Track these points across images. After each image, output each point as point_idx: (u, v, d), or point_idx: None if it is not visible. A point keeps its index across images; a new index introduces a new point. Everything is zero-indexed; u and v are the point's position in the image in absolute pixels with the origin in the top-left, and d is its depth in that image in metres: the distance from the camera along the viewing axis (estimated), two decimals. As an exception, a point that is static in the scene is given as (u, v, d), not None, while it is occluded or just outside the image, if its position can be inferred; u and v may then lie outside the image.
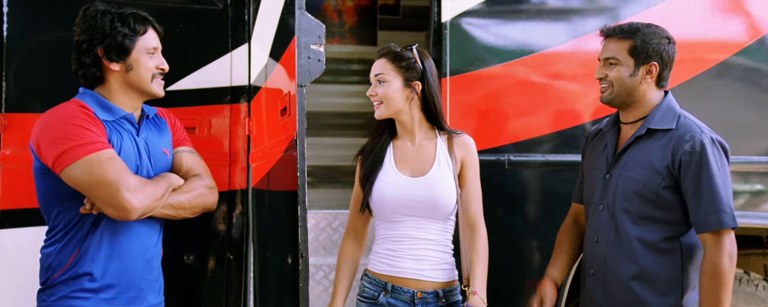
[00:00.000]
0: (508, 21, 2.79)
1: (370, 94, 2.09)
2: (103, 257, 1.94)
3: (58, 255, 1.94)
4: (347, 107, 4.21)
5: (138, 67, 1.95)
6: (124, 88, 1.97)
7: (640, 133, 2.09)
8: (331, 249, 3.19)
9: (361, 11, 4.22)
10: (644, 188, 2.05)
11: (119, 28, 1.91)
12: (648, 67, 2.08)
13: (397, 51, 2.08)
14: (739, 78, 2.89)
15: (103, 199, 1.84)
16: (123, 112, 1.97)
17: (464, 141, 2.10)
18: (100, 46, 1.92)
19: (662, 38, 2.09)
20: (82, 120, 1.87)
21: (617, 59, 2.09)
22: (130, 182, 1.84)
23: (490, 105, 2.76)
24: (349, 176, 4.36)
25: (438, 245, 2.06)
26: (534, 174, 2.76)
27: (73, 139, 1.83)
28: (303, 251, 1.97)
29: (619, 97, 2.11)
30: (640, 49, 2.07)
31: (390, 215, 2.07)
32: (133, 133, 1.99)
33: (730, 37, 2.90)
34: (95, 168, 1.82)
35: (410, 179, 2.06)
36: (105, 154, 1.84)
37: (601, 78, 2.12)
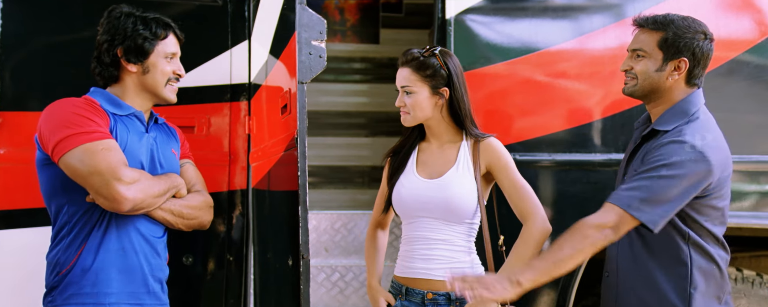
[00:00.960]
0: (514, 18, 2.76)
1: (399, 105, 2.09)
2: (109, 251, 1.93)
3: (65, 251, 1.93)
4: (349, 106, 4.19)
5: (154, 70, 1.99)
6: (137, 89, 2.00)
7: (644, 133, 2.01)
8: (332, 250, 3.16)
9: (363, 9, 4.20)
10: None
11: (140, 31, 1.96)
12: (677, 63, 1.94)
13: (421, 59, 2.05)
14: (750, 76, 2.84)
15: (95, 188, 1.84)
16: (133, 109, 1.99)
17: (490, 145, 2.07)
18: (120, 47, 1.96)
19: (697, 33, 1.95)
20: (85, 110, 1.89)
21: (645, 51, 1.96)
22: (124, 173, 1.84)
23: (495, 103, 2.72)
24: (352, 176, 4.39)
25: (450, 245, 2.05)
26: (542, 174, 2.72)
27: (73, 128, 1.85)
28: (304, 253, 1.96)
29: (641, 91, 1.99)
30: (670, 43, 1.93)
31: (407, 217, 2.10)
32: (141, 130, 2.00)
33: (741, 34, 2.85)
34: (91, 157, 1.82)
35: (426, 181, 2.07)
36: (103, 144, 1.85)
37: (627, 70, 2.01)
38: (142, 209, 1.90)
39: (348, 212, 3.22)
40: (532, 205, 2.02)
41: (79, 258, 1.91)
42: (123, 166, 1.85)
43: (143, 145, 1.98)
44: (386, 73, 4.17)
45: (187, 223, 2.01)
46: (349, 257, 3.16)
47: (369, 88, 4.22)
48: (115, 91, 2.01)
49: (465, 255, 2.07)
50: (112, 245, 1.93)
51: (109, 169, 1.82)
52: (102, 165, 1.82)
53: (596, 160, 2.72)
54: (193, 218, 2.01)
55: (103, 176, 1.82)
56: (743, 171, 2.77)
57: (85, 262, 1.91)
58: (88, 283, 1.91)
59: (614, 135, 2.74)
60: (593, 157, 2.73)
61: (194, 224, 2.03)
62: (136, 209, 1.88)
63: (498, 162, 2.06)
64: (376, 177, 4.13)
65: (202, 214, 2.03)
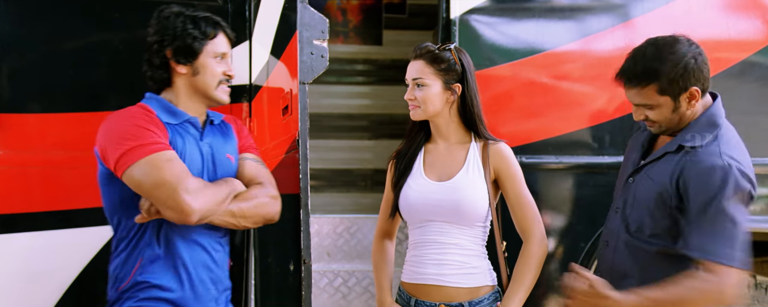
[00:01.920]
0: (520, 18, 2.72)
1: (409, 98, 2.03)
2: (166, 266, 1.90)
3: (123, 266, 1.91)
4: (352, 109, 4.18)
5: (204, 71, 1.94)
6: (189, 92, 1.96)
7: (670, 149, 1.90)
8: (335, 255, 3.13)
9: (366, 10, 4.18)
10: (662, 203, 1.87)
11: (189, 30, 1.91)
12: (689, 94, 1.83)
13: (436, 52, 2.02)
14: (761, 77, 2.81)
15: (162, 201, 1.80)
16: (187, 116, 1.95)
17: (501, 150, 2.03)
18: (169, 48, 1.92)
19: (685, 59, 1.80)
20: (143, 121, 1.86)
21: (650, 104, 1.85)
22: (190, 183, 1.81)
23: (501, 105, 2.68)
24: (354, 179, 4.36)
25: (462, 250, 2.00)
26: (548, 177, 2.68)
27: (133, 140, 1.82)
28: (306, 258, 1.93)
29: (669, 126, 1.90)
30: (669, 88, 1.81)
31: (416, 221, 2.04)
32: (197, 138, 1.97)
33: (751, 35, 2.82)
34: (155, 169, 1.79)
35: (435, 183, 2.01)
36: (165, 155, 1.82)
37: (644, 119, 1.91)
38: (208, 218, 1.86)
39: (351, 216, 3.20)
40: (535, 222, 2.00)
41: (137, 273, 1.89)
42: (187, 176, 1.82)
43: (199, 155, 1.94)
44: (389, 74, 4.16)
45: (251, 220, 1.94)
46: (351, 261, 3.14)
47: (372, 90, 4.20)
48: (168, 96, 1.96)
49: (479, 260, 2.02)
50: (168, 261, 1.90)
51: (174, 180, 1.78)
52: (167, 177, 1.78)
53: (605, 162, 2.69)
54: (256, 215, 1.94)
55: (169, 187, 1.78)
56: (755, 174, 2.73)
57: (142, 277, 1.89)
58: (147, 296, 1.88)
59: (623, 137, 2.70)
60: (602, 159, 2.69)
61: (259, 220, 1.96)
62: (203, 219, 1.85)
63: (507, 170, 2.02)
64: (379, 180, 4.10)
65: (265, 209, 1.95)
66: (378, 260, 2.11)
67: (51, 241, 2.31)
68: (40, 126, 2.36)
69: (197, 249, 1.92)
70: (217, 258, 1.97)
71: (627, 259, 1.95)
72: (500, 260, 2.03)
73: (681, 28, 2.88)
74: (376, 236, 2.15)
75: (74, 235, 2.30)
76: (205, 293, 1.92)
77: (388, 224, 2.13)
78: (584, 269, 1.84)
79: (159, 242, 1.89)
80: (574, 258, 2.69)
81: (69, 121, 2.33)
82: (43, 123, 2.36)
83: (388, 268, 2.10)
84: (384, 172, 2.19)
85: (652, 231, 1.90)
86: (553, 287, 2.65)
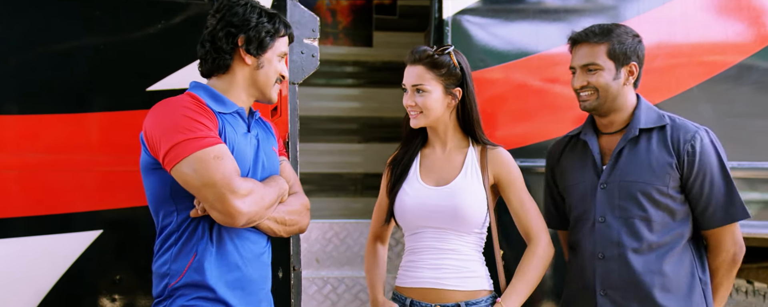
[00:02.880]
0: (514, 19, 2.68)
1: (408, 105, 1.99)
2: (220, 263, 1.84)
3: (175, 261, 1.84)
4: (341, 112, 4.15)
5: (269, 67, 1.91)
6: (246, 83, 1.92)
7: (633, 135, 2.04)
8: (324, 261, 3.08)
9: (356, 11, 4.15)
10: (655, 191, 2.00)
11: (265, 23, 1.90)
12: (629, 68, 2.04)
13: (435, 57, 1.98)
14: (756, 81, 2.79)
15: (209, 201, 1.76)
16: (236, 106, 1.91)
17: (500, 156, 2.01)
18: (242, 35, 1.89)
19: (634, 37, 2.05)
20: (194, 112, 1.81)
21: (597, 64, 2.02)
22: (238, 184, 1.76)
23: (494, 107, 2.65)
24: (344, 183, 4.31)
25: (459, 255, 1.97)
26: (541, 180, 2.64)
27: (184, 133, 1.77)
28: (295, 264, 1.88)
29: (604, 103, 2.04)
30: (618, 51, 2.02)
31: (412, 227, 2.01)
32: (244, 129, 1.93)
33: (746, 38, 2.81)
34: (204, 167, 1.75)
35: (433, 189, 1.98)
36: (215, 150, 1.77)
37: (583, 86, 2.05)
38: (255, 221, 1.82)
39: (340, 221, 3.17)
40: (540, 225, 1.99)
41: (191, 269, 1.83)
42: (236, 176, 1.77)
43: (248, 146, 1.90)
44: (379, 77, 4.14)
45: (288, 229, 1.92)
46: (341, 268, 3.10)
47: (362, 92, 4.17)
48: (218, 85, 1.91)
49: (476, 265, 1.98)
50: (222, 258, 1.84)
51: (223, 181, 1.73)
52: (216, 176, 1.73)
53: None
54: (294, 224, 1.92)
55: (217, 188, 1.73)
56: (743, 178, 2.71)
57: (197, 274, 1.83)
58: (199, 296, 1.82)
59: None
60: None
61: (294, 230, 1.94)
62: (249, 223, 1.81)
63: (508, 176, 1.99)
64: (369, 185, 4.06)
65: (301, 219, 1.94)
66: (371, 263, 2.08)
67: (27, 247, 2.22)
68: (17, 128, 2.28)
69: (249, 245, 1.88)
70: (265, 258, 1.93)
71: (639, 260, 1.99)
72: (498, 266, 1.99)
73: (675, 30, 2.87)
74: (368, 241, 2.12)
75: (52, 241, 2.22)
76: (257, 291, 1.89)
77: (381, 229, 2.09)
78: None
79: (212, 236, 1.83)
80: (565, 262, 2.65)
81: (48, 123, 2.25)
82: (20, 125, 2.28)
83: (381, 270, 2.08)
84: (374, 176, 2.14)
85: (657, 219, 2.00)
86: (543, 291, 2.62)
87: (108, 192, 2.15)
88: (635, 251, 1.99)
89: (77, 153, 2.18)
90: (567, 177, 2.13)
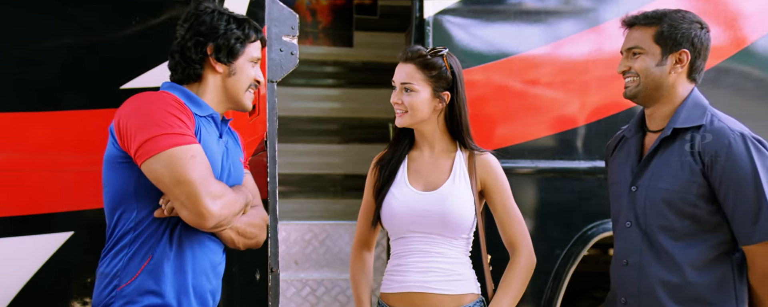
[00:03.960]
0: (495, 20, 2.68)
1: (395, 102, 1.97)
2: (175, 270, 1.77)
3: (127, 264, 1.76)
4: (321, 112, 4.12)
5: (240, 74, 1.87)
6: (218, 91, 1.88)
7: (665, 135, 1.88)
8: (303, 263, 3.04)
9: (336, 10, 4.13)
10: (679, 200, 1.84)
11: (234, 30, 1.85)
12: (678, 56, 1.87)
13: (428, 58, 1.95)
14: (733, 84, 2.83)
15: (180, 200, 1.69)
16: (211, 110, 1.87)
17: (487, 162, 1.98)
18: (211, 44, 1.85)
19: (693, 23, 1.88)
20: (174, 108, 1.76)
21: (641, 48, 1.88)
22: (213, 186, 1.71)
23: (475, 108, 2.63)
24: (324, 185, 4.27)
25: (447, 258, 1.95)
26: (524, 182, 2.64)
27: (162, 127, 1.71)
28: (273, 266, 1.85)
29: (645, 91, 1.89)
30: (667, 35, 1.86)
31: (399, 231, 1.98)
32: (216, 135, 1.88)
33: (723, 42, 2.84)
34: (179, 164, 1.68)
35: (421, 193, 1.95)
36: (192, 149, 1.72)
37: (625, 71, 1.91)
38: (223, 227, 1.76)
39: (320, 223, 3.14)
40: (524, 235, 1.98)
41: (142, 274, 1.75)
42: (211, 177, 1.72)
43: (218, 152, 1.85)
44: (360, 77, 4.12)
45: (246, 242, 1.86)
46: (320, 270, 3.07)
47: (342, 92, 4.15)
48: (192, 91, 1.88)
49: (464, 268, 1.96)
50: (176, 264, 1.77)
51: (197, 180, 1.68)
52: (192, 175, 1.68)
53: (582, 168, 2.66)
54: (253, 238, 1.86)
55: (191, 187, 1.67)
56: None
57: (147, 280, 1.75)
58: (147, 304, 1.74)
59: (599, 142, 2.68)
60: (579, 164, 2.67)
61: (251, 243, 1.88)
62: (218, 227, 1.75)
63: (495, 182, 1.97)
64: (349, 186, 4.03)
65: (260, 233, 1.88)
66: (357, 273, 2.03)
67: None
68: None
69: (208, 254, 1.82)
70: (220, 269, 1.88)
71: (659, 271, 1.87)
72: (485, 271, 1.98)
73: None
74: (354, 247, 2.07)
75: (19, 243, 2.16)
76: (209, 303, 1.83)
77: (367, 233, 2.04)
78: None
79: (172, 240, 1.77)
80: (550, 265, 2.65)
81: (16, 122, 2.19)
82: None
83: (368, 280, 2.03)
84: (355, 177, 2.11)
85: (681, 229, 1.85)
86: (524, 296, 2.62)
87: (80, 193, 2.10)
88: (655, 261, 1.87)
89: (47, 153, 2.12)
90: (612, 174, 2.01)
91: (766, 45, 2.94)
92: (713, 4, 2.89)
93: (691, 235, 1.85)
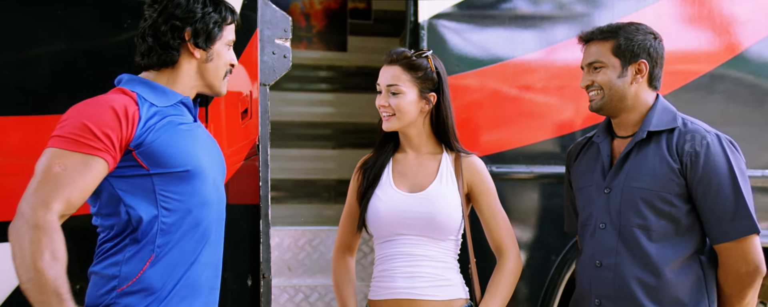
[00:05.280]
0: (489, 25, 2.67)
1: (381, 106, 1.95)
2: (172, 269, 1.71)
3: (128, 262, 1.69)
4: (315, 117, 4.11)
5: (218, 59, 1.81)
6: (192, 76, 1.81)
7: (640, 137, 1.95)
8: (296, 269, 3.02)
9: (330, 15, 4.11)
10: (657, 199, 1.90)
11: (211, 13, 1.78)
12: (637, 66, 1.96)
13: (413, 59, 1.95)
14: (727, 90, 2.83)
15: (25, 193, 1.63)
16: (180, 96, 1.80)
17: (474, 164, 1.98)
18: (189, 29, 1.77)
19: (647, 34, 1.98)
20: (103, 117, 1.67)
21: (602, 62, 1.96)
22: (52, 213, 1.62)
23: (470, 112, 2.62)
24: (317, 190, 4.25)
25: (435, 262, 1.93)
26: (518, 187, 2.62)
27: (69, 127, 1.66)
28: (265, 272, 1.82)
29: (611, 102, 1.97)
30: (624, 48, 1.95)
31: (385, 234, 1.95)
32: (191, 118, 1.82)
33: (717, 48, 2.84)
34: (60, 163, 1.62)
35: (408, 195, 1.94)
36: (84, 160, 1.64)
37: (588, 85, 1.99)
38: (15, 258, 1.63)
39: (313, 229, 3.12)
40: (511, 238, 1.98)
41: (145, 274, 1.68)
42: (62, 203, 1.63)
43: (192, 136, 1.77)
44: (354, 82, 4.11)
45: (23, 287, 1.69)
46: (313, 276, 3.05)
47: (335, 97, 4.13)
48: (160, 78, 1.80)
49: (451, 272, 1.94)
50: (178, 263, 1.71)
51: (49, 192, 1.61)
52: (46, 183, 1.62)
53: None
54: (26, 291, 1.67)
55: (37, 191, 1.62)
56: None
57: (152, 279, 1.69)
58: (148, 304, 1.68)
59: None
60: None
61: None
62: (11, 248, 1.63)
63: (481, 185, 1.97)
64: (342, 191, 4.01)
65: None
66: (341, 278, 2.00)
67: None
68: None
69: (209, 253, 1.77)
70: (218, 268, 1.83)
71: (635, 271, 1.91)
72: (473, 275, 1.96)
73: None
74: (335, 252, 2.04)
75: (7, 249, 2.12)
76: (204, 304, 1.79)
77: (350, 237, 2.02)
78: None
79: (168, 241, 1.71)
80: (545, 271, 2.63)
81: (4, 125, 2.16)
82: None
83: (352, 283, 2.01)
84: (348, 182, 2.09)
85: (658, 229, 1.91)
86: (519, 301, 2.59)
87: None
88: (632, 261, 1.90)
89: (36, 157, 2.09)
90: (578, 179, 2.06)
91: (760, 51, 2.95)
92: (708, 9, 2.89)
93: (667, 235, 1.91)
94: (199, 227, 1.74)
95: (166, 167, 1.70)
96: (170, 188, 1.71)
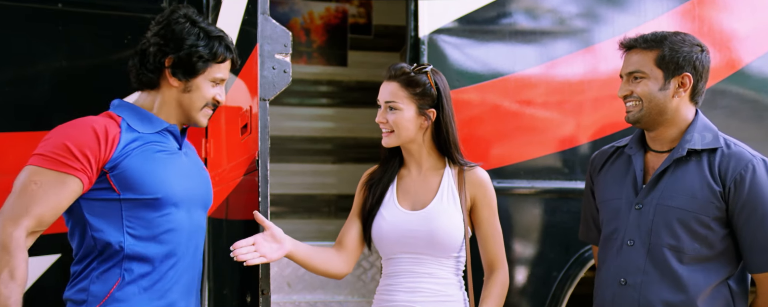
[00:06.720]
0: (489, 40, 2.68)
1: (380, 121, 1.95)
2: (143, 291, 1.72)
3: (95, 283, 1.70)
4: (315, 132, 4.10)
5: (196, 92, 1.80)
6: (173, 104, 1.82)
7: (679, 154, 1.85)
8: (296, 285, 3.00)
9: (331, 30, 4.12)
10: (694, 221, 1.82)
11: (199, 48, 1.76)
12: (680, 79, 1.85)
13: (411, 75, 1.94)
14: (727, 105, 2.83)
15: (2, 209, 1.66)
16: (165, 124, 1.80)
17: (477, 176, 1.96)
18: (171, 57, 1.77)
19: (693, 46, 1.87)
20: (90, 139, 1.69)
21: (643, 72, 1.86)
22: (24, 222, 1.64)
23: (471, 127, 2.62)
24: (317, 205, 4.24)
25: (437, 279, 1.92)
26: (520, 202, 2.61)
27: (50, 146, 1.68)
28: (264, 288, 1.83)
29: (649, 115, 1.86)
30: (669, 59, 1.84)
31: (389, 252, 1.95)
32: (176, 147, 1.82)
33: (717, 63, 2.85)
34: (37, 180, 1.65)
35: (408, 213, 1.93)
36: (60, 179, 1.66)
37: (626, 95, 1.89)
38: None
39: (313, 244, 3.06)
40: (503, 255, 1.97)
41: (114, 295, 1.69)
42: (33, 219, 1.65)
43: (172, 164, 1.77)
44: (354, 96, 4.12)
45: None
46: (313, 292, 3.03)
47: (336, 112, 4.13)
48: (146, 102, 1.81)
49: (454, 289, 1.93)
50: (149, 285, 1.72)
51: (21, 208, 1.64)
52: (21, 199, 1.65)
53: (579, 188, 2.63)
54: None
55: (11, 207, 1.65)
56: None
57: (122, 298, 1.69)
58: None
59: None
60: (576, 185, 2.64)
61: None
62: None
63: (484, 198, 1.95)
64: (343, 206, 4.00)
65: None
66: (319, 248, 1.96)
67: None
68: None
69: (181, 273, 1.78)
70: (195, 286, 1.84)
71: (662, 291, 1.83)
72: (469, 290, 1.95)
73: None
74: None
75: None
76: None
77: (344, 237, 1.98)
78: None
79: (136, 262, 1.71)
80: (547, 287, 2.60)
81: (4, 142, 2.15)
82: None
83: (317, 248, 1.95)
84: (349, 197, 2.08)
85: (690, 251, 1.82)
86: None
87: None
88: (660, 282, 1.82)
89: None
90: (604, 191, 1.96)
91: (760, 67, 2.95)
92: (708, 26, 2.90)
93: (699, 259, 1.82)
94: (171, 255, 1.75)
95: (136, 193, 1.71)
96: (138, 214, 1.71)
